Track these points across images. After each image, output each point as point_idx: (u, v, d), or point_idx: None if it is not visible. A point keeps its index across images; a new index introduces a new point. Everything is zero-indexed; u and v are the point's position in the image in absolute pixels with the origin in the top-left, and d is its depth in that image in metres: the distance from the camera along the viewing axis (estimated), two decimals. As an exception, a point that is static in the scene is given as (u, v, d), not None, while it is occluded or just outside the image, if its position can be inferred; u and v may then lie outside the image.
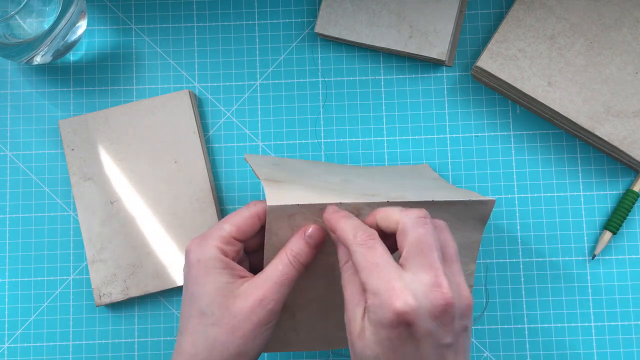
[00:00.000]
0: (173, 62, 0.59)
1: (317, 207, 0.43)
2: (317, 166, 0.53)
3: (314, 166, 0.53)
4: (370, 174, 0.52)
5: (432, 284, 0.36)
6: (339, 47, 0.59)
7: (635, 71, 0.53)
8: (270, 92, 0.59)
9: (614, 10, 0.54)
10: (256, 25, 0.60)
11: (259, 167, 0.47)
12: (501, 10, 0.59)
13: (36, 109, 0.59)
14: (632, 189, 0.55)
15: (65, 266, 0.57)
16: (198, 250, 0.42)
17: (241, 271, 0.43)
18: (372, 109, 0.58)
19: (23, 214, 0.58)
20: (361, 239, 0.38)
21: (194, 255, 0.42)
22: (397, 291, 0.36)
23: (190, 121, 0.57)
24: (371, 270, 0.37)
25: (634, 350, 0.55)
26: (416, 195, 0.45)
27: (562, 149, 0.57)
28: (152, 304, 0.57)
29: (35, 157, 0.59)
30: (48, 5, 0.54)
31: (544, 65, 0.54)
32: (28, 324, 0.57)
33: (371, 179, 0.50)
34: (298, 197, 0.43)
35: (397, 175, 0.52)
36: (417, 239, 0.38)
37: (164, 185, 0.56)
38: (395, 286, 0.36)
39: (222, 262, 0.42)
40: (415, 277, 0.37)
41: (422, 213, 0.39)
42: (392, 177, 0.52)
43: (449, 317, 0.36)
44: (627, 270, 0.56)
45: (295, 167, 0.51)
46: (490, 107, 0.58)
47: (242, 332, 0.41)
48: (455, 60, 0.59)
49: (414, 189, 0.47)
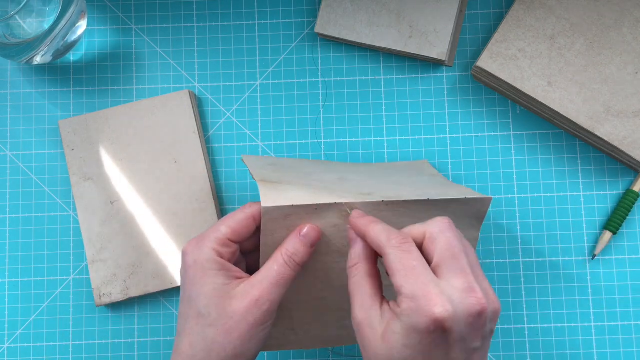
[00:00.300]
0: (173, 62, 0.59)
1: (312, 208, 0.43)
2: (314, 165, 0.53)
3: (311, 165, 0.53)
4: (368, 171, 0.52)
5: (466, 289, 0.36)
6: (339, 47, 0.59)
7: (635, 71, 0.53)
8: (270, 92, 0.59)
9: (614, 10, 0.54)
10: (256, 25, 0.60)
11: (256, 168, 0.47)
12: (501, 10, 0.59)
13: (36, 109, 0.59)
14: (632, 189, 0.55)
15: (65, 266, 0.57)
16: (194, 252, 0.43)
17: (237, 272, 0.43)
18: (372, 109, 0.58)
19: (23, 214, 0.58)
20: (396, 242, 0.38)
21: (190, 257, 0.43)
22: (434, 297, 0.35)
23: (190, 121, 0.57)
24: (407, 274, 0.37)
25: (634, 350, 0.55)
26: (412, 194, 0.45)
27: (562, 149, 0.57)
28: (152, 304, 0.57)
29: (35, 157, 0.59)
30: (48, 5, 0.54)
31: (544, 65, 0.54)
32: (28, 324, 0.57)
33: (368, 176, 0.50)
34: (293, 198, 0.43)
35: (395, 172, 0.52)
36: (446, 244, 0.38)
37: (164, 185, 0.56)
38: (432, 291, 0.36)
39: (218, 264, 0.42)
40: (449, 283, 0.37)
41: (446, 219, 0.39)
42: (389, 174, 0.52)
43: (482, 322, 0.36)
44: (627, 270, 0.56)
45: (291, 166, 0.51)
46: (490, 107, 0.58)
47: (238, 333, 0.41)
48: (455, 60, 0.59)
49: (410, 187, 0.47)
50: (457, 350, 0.36)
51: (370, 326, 0.38)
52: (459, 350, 0.36)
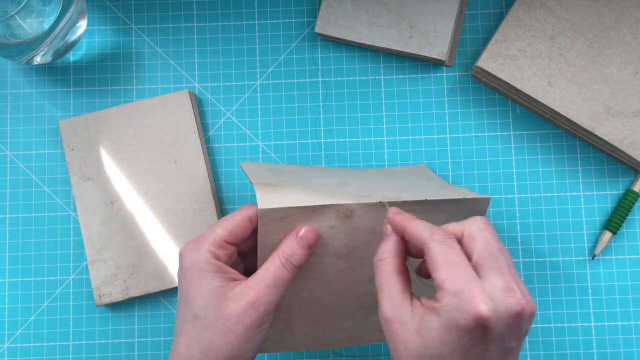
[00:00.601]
0: (173, 62, 0.59)
1: (310, 209, 0.43)
2: (313, 170, 0.53)
3: (311, 170, 0.53)
4: (367, 176, 0.52)
5: (506, 289, 0.36)
6: (339, 47, 0.59)
7: (635, 71, 0.53)
8: (270, 92, 0.59)
9: (614, 10, 0.54)
10: (256, 25, 0.60)
11: (254, 174, 0.47)
12: (501, 10, 0.59)
13: (36, 109, 0.59)
14: (632, 189, 0.55)
15: (65, 266, 0.57)
16: (191, 254, 0.43)
17: (234, 274, 0.43)
18: (372, 109, 0.58)
19: (23, 214, 0.58)
20: (439, 236, 0.38)
21: (187, 260, 0.43)
22: (478, 294, 0.35)
23: (190, 121, 0.57)
24: (451, 269, 0.36)
25: (634, 350, 0.55)
26: (411, 195, 0.45)
27: (562, 149, 0.57)
28: (152, 304, 0.57)
29: (35, 157, 0.59)
30: (48, 5, 0.54)
31: (544, 65, 0.54)
32: (28, 324, 0.57)
33: (368, 181, 0.50)
34: (290, 200, 0.43)
35: (394, 177, 0.52)
36: (486, 243, 0.38)
37: (164, 185, 0.56)
38: (475, 289, 0.35)
39: (215, 266, 0.42)
40: (489, 282, 0.36)
41: (484, 218, 0.39)
42: (389, 178, 0.52)
43: (519, 322, 0.36)
44: (627, 270, 0.56)
45: (291, 171, 0.51)
46: (490, 107, 0.58)
47: (235, 335, 0.41)
48: (455, 60, 0.59)
49: (409, 189, 0.47)
50: (494, 349, 0.36)
51: (401, 322, 0.37)
52: (496, 349, 0.36)
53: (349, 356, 0.56)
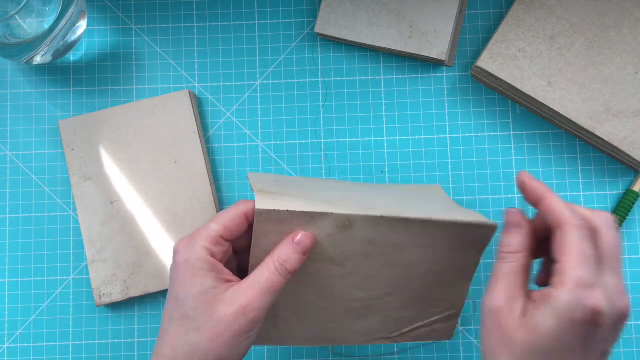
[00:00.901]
0: (173, 62, 0.59)
1: (308, 216, 0.42)
2: (320, 183, 0.52)
3: (318, 183, 0.52)
4: (375, 190, 0.52)
5: (620, 291, 0.36)
6: (339, 47, 0.59)
7: (635, 71, 0.53)
8: (270, 92, 0.59)
9: (614, 10, 0.54)
10: (256, 25, 0.60)
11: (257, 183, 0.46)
12: (501, 10, 0.59)
13: (36, 109, 0.59)
14: (632, 189, 0.55)
15: (65, 266, 0.57)
16: (185, 251, 0.41)
17: (227, 275, 0.42)
18: (372, 109, 0.58)
19: (23, 214, 0.58)
20: (580, 223, 0.37)
21: (181, 257, 0.41)
22: (598, 290, 0.35)
23: (190, 121, 0.57)
24: (581, 260, 0.36)
25: (634, 350, 0.55)
26: (416, 212, 0.44)
27: (562, 149, 0.57)
28: (152, 304, 0.57)
29: (35, 157, 0.59)
30: (48, 5, 0.54)
31: (544, 65, 0.54)
32: (28, 324, 0.57)
33: (375, 195, 0.49)
34: (289, 204, 0.42)
35: (403, 194, 0.52)
36: (612, 242, 0.37)
37: (164, 185, 0.56)
38: (597, 284, 0.35)
39: (209, 264, 0.41)
40: (607, 280, 0.36)
41: (610, 215, 0.39)
42: (397, 195, 0.51)
43: (622, 325, 0.37)
44: (627, 270, 0.56)
45: (296, 183, 0.50)
46: (490, 107, 0.58)
47: (224, 339, 0.40)
48: (455, 60, 0.59)
49: (416, 206, 0.46)
50: (596, 348, 0.36)
51: (511, 315, 0.37)
52: (597, 349, 0.36)
53: (349, 356, 0.56)
